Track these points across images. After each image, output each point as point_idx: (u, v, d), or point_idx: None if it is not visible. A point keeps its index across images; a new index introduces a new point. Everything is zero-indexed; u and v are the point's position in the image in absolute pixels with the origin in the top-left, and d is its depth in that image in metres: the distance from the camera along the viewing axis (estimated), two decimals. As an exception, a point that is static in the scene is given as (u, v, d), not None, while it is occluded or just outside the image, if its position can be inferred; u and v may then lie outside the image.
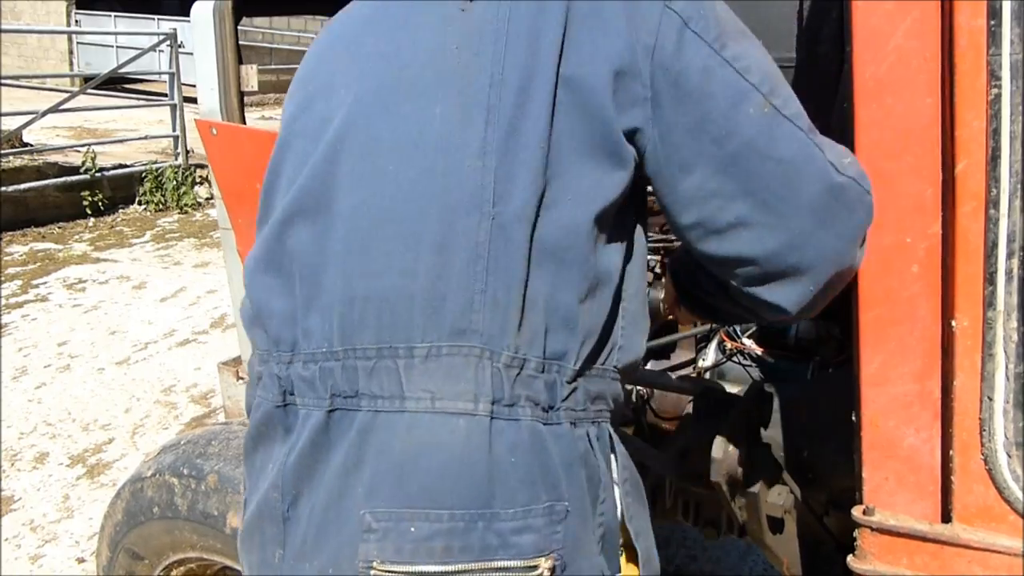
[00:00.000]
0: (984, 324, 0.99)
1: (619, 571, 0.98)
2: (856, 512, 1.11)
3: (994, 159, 0.95)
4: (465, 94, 0.95)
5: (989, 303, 0.98)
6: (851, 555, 1.12)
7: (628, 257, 1.01)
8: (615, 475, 0.99)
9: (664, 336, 2.02)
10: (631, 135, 0.96)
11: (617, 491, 0.99)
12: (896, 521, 1.08)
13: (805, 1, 1.61)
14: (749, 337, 1.82)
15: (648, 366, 1.95)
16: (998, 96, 0.94)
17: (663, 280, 1.92)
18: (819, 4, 1.59)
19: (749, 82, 0.94)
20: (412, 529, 0.85)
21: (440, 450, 0.87)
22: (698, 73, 0.94)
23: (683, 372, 1.91)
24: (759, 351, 1.81)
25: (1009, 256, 0.96)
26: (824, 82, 1.61)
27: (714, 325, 1.87)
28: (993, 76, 0.93)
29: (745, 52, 0.98)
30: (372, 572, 0.85)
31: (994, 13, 0.92)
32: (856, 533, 1.12)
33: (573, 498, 0.90)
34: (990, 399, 1.00)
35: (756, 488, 1.27)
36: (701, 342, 1.92)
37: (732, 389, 1.56)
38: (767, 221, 0.96)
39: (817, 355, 1.76)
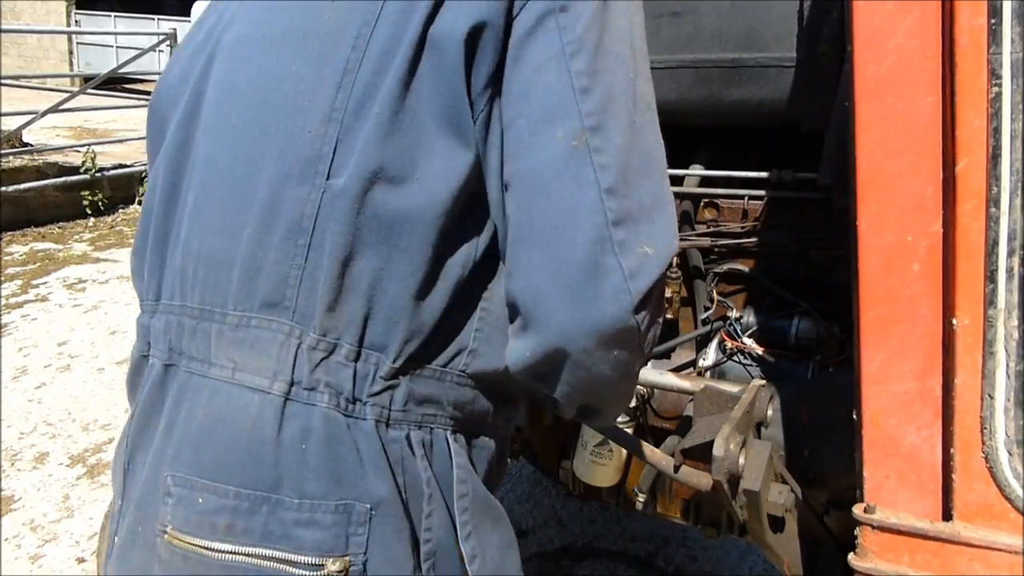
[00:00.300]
0: (985, 322, 0.99)
1: None
2: (857, 510, 1.11)
3: (995, 157, 0.95)
4: (325, 54, 0.89)
5: (990, 301, 0.98)
6: (852, 553, 1.13)
7: (489, 256, 0.91)
8: (455, 489, 0.90)
9: (664, 337, 2.02)
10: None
11: (456, 507, 0.90)
12: (897, 519, 1.08)
13: (805, 1, 1.61)
14: (750, 336, 1.82)
15: (648, 366, 1.95)
16: (999, 95, 0.94)
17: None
18: (819, 4, 1.59)
19: (578, 105, 0.81)
20: (200, 500, 0.82)
21: (233, 423, 0.83)
22: (532, 68, 0.83)
23: (684, 372, 1.91)
24: (760, 350, 1.81)
25: (1010, 254, 0.97)
26: (824, 82, 1.61)
27: (714, 325, 1.87)
28: (994, 75, 0.94)
29: (600, 75, 0.83)
30: (165, 537, 0.83)
31: (995, 12, 0.92)
32: (857, 531, 1.12)
33: (382, 503, 0.83)
34: (991, 397, 1.00)
35: (756, 487, 1.27)
36: (702, 342, 1.92)
37: (732, 389, 1.56)
38: (514, 255, 0.86)
39: (817, 354, 1.76)
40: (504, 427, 1.04)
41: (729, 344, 1.83)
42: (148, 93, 13.18)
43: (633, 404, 1.93)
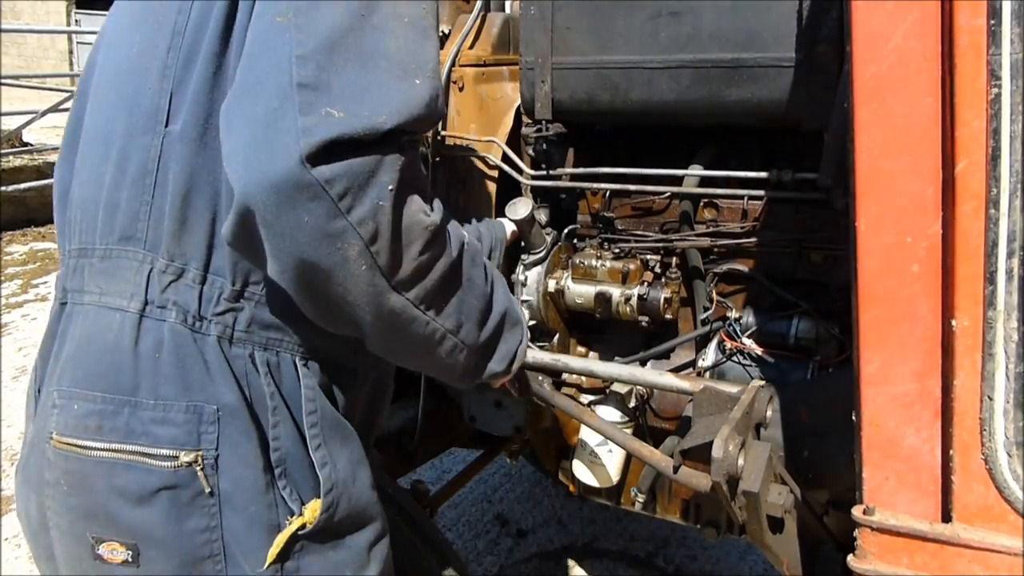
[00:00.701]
0: (984, 323, 0.99)
1: (310, 498, 1.01)
2: (856, 512, 1.11)
3: (994, 159, 0.95)
4: (161, 22, 1.04)
5: (989, 302, 0.98)
6: (851, 555, 1.12)
7: None
8: (303, 407, 1.02)
9: (664, 337, 2.02)
10: None
11: (305, 422, 1.02)
12: (896, 521, 1.08)
13: (805, 1, 1.61)
14: (749, 337, 1.82)
15: (648, 366, 1.95)
16: (998, 96, 0.94)
17: (663, 280, 1.92)
18: (819, 4, 1.59)
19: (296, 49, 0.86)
20: (76, 407, 0.96)
21: (100, 340, 0.98)
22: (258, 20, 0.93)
23: (683, 373, 1.91)
24: (759, 351, 1.81)
25: (1009, 255, 0.96)
26: (824, 82, 1.61)
27: (714, 325, 1.87)
28: (993, 76, 0.93)
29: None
30: (51, 442, 0.98)
31: (994, 13, 0.92)
32: (856, 533, 1.12)
33: (229, 407, 0.96)
34: (990, 399, 1.00)
35: (756, 488, 1.27)
36: (701, 342, 1.92)
37: (732, 389, 1.56)
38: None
39: (817, 355, 1.76)
40: (378, 364, 1.15)
41: (728, 344, 1.82)
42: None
43: (633, 404, 1.93)
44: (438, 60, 0.96)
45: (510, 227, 1.70)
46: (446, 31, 2.30)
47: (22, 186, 7.34)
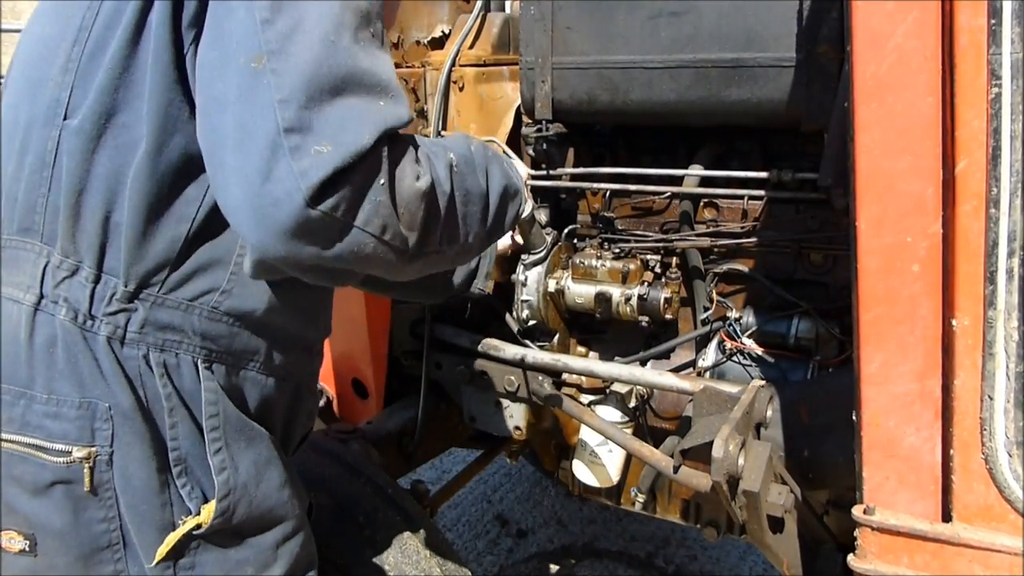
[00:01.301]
0: (985, 323, 0.99)
1: (212, 496, 1.03)
2: (856, 511, 1.11)
3: (994, 158, 0.95)
4: (68, 16, 1.05)
5: (990, 302, 0.98)
6: (851, 554, 1.13)
7: None
8: (204, 410, 1.03)
9: (664, 337, 2.02)
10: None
11: (205, 424, 1.03)
12: (896, 520, 1.08)
13: (805, 1, 1.61)
14: (749, 337, 1.82)
15: (648, 367, 1.95)
16: (998, 95, 0.94)
17: (663, 280, 1.92)
18: (819, 4, 1.59)
19: (260, 35, 0.87)
20: None
21: (2, 330, 0.99)
22: (225, 10, 0.91)
23: (683, 373, 1.92)
24: (759, 351, 1.81)
25: (1010, 255, 0.96)
26: (824, 82, 1.61)
27: (714, 325, 1.87)
28: (993, 75, 0.93)
29: (286, 10, 0.89)
30: None
31: (994, 12, 0.92)
32: (856, 532, 1.12)
33: (122, 407, 0.97)
34: (991, 398, 1.00)
35: (756, 488, 1.27)
36: (701, 342, 1.92)
37: (732, 389, 1.56)
38: (212, 177, 0.93)
39: (817, 355, 1.76)
40: (295, 370, 1.17)
41: (728, 344, 1.82)
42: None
43: (633, 404, 1.93)
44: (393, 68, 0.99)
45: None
46: (446, 31, 2.30)
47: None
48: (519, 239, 1.85)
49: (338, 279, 1.02)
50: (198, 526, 1.02)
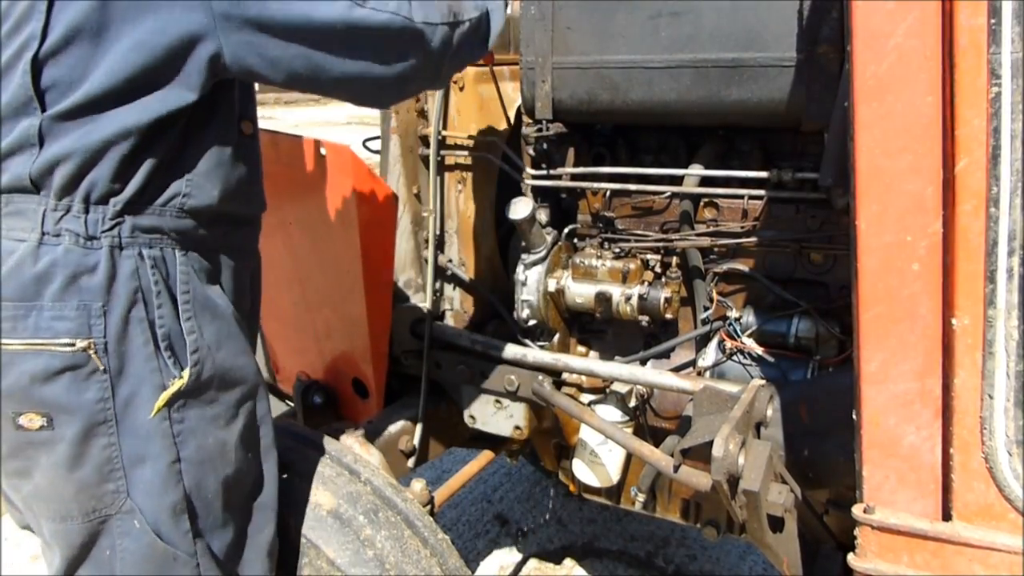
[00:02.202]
0: (985, 322, 0.99)
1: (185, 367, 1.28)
2: (856, 510, 1.11)
3: (995, 157, 0.95)
4: None
5: (990, 301, 0.98)
6: (851, 553, 1.13)
7: (154, 120, 1.20)
8: (178, 288, 1.28)
9: (664, 337, 2.02)
10: None
11: (179, 299, 1.28)
12: (896, 519, 1.08)
13: (805, 1, 1.61)
14: (749, 336, 1.82)
15: (648, 366, 1.95)
16: (998, 95, 0.94)
17: (663, 279, 1.92)
18: (819, 4, 1.59)
19: None
20: None
21: (8, 263, 1.21)
22: None
23: (684, 372, 1.92)
24: (759, 350, 1.81)
25: (1010, 254, 0.97)
26: (824, 82, 1.61)
27: (714, 324, 1.87)
28: (993, 75, 0.94)
29: None
30: None
31: (994, 12, 0.92)
32: (856, 531, 1.12)
33: (114, 300, 1.22)
34: (991, 397, 1.00)
35: (756, 487, 1.27)
36: (701, 342, 1.92)
37: (732, 389, 1.56)
38: None
39: (817, 354, 1.76)
40: (247, 242, 1.46)
41: (729, 344, 1.83)
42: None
43: (633, 404, 1.93)
44: None
45: None
46: (446, 31, 2.30)
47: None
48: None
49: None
50: (183, 386, 1.27)
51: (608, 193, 1.97)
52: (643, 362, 1.96)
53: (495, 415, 2.09)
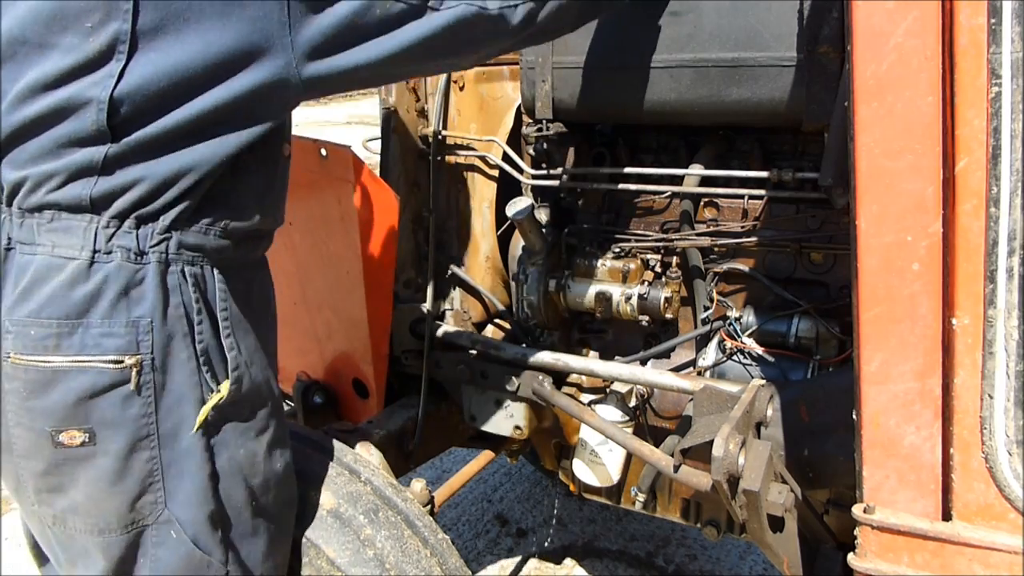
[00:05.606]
0: (985, 322, 0.99)
1: (224, 379, 1.31)
2: (857, 510, 1.11)
3: (995, 157, 0.95)
4: None
5: (990, 301, 0.98)
6: (852, 553, 1.13)
7: (228, 155, 1.24)
8: (217, 305, 1.30)
9: (664, 337, 2.02)
10: None
11: (219, 316, 1.30)
12: (897, 519, 1.08)
13: (805, 1, 1.61)
14: (749, 336, 1.82)
15: (648, 366, 1.95)
16: (999, 94, 0.94)
17: (663, 279, 1.92)
18: (819, 4, 1.59)
19: None
20: (32, 332, 1.20)
21: (52, 281, 1.20)
22: None
23: (684, 372, 1.92)
24: (760, 350, 1.81)
25: (1010, 254, 0.97)
26: (825, 81, 1.61)
27: (714, 324, 1.87)
28: (994, 74, 0.94)
29: None
30: (9, 360, 1.21)
31: (995, 12, 0.92)
32: (856, 531, 1.12)
33: (159, 315, 1.23)
34: (991, 397, 1.00)
35: (756, 487, 1.27)
36: (701, 341, 1.92)
37: (732, 388, 1.56)
38: None
39: (817, 354, 1.76)
40: (262, 253, 1.47)
41: (729, 344, 1.83)
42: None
43: (633, 403, 1.93)
44: None
45: None
46: (446, 31, 2.30)
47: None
48: None
49: None
50: (221, 399, 1.29)
51: (608, 193, 1.97)
52: (643, 362, 1.96)
53: (495, 415, 2.09)
